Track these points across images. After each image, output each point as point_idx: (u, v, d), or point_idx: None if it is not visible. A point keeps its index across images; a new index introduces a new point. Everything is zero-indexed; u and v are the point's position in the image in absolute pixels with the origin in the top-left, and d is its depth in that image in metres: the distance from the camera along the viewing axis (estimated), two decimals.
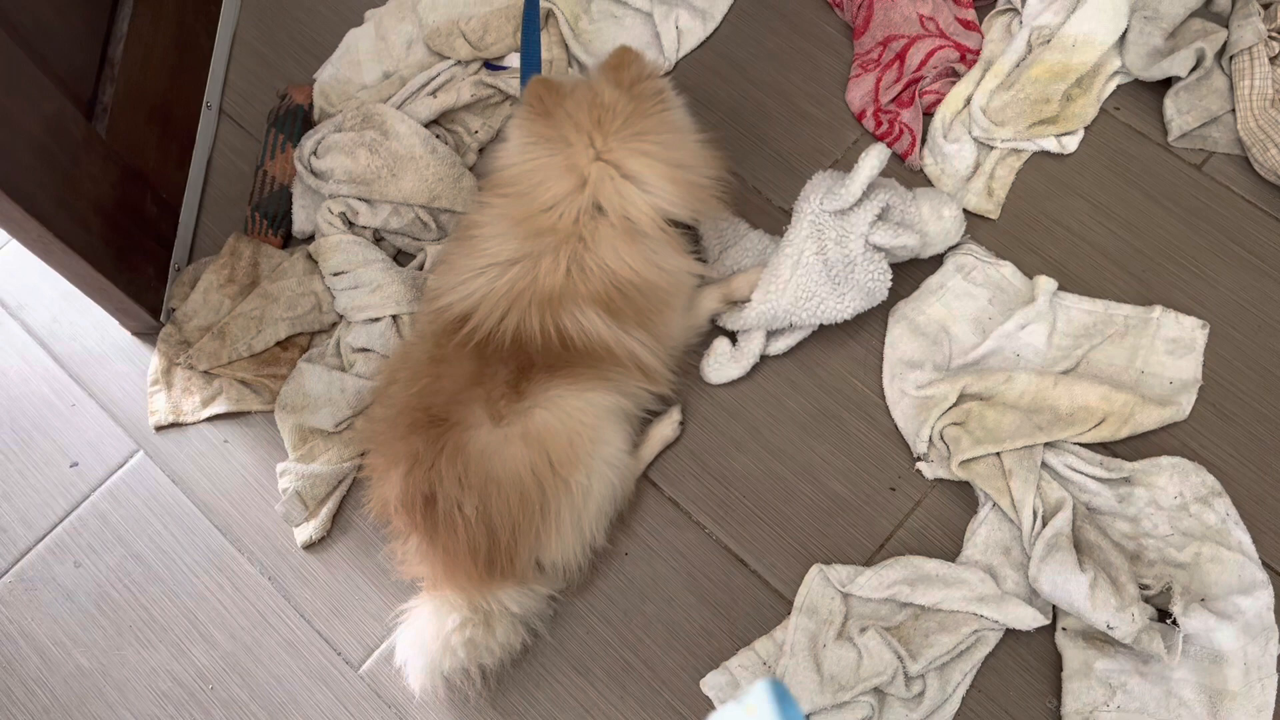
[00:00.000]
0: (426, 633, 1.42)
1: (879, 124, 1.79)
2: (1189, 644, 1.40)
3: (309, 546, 1.62)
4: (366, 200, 1.76)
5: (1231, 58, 1.74)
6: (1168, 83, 1.77)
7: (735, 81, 1.89)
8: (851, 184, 1.53)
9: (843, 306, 1.57)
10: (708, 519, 1.58)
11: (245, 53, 2.02)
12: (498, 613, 1.43)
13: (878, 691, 1.42)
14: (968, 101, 1.78)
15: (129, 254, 1.71)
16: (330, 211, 1.75)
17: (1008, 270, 1.67)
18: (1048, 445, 1.52)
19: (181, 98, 1.90)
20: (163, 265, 1.80)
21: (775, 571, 1.54)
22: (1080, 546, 1.45)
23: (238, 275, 1.76)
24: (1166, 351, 1.60)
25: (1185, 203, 1.72)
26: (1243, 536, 1.47)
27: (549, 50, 1.90)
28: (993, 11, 1.87)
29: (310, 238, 1.81)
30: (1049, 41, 1.77)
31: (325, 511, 1.62)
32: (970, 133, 1.76)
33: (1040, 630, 1.44)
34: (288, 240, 1.84)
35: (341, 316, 1.73)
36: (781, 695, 0.76)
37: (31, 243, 1.56)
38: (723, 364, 1.64)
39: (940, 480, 1.57)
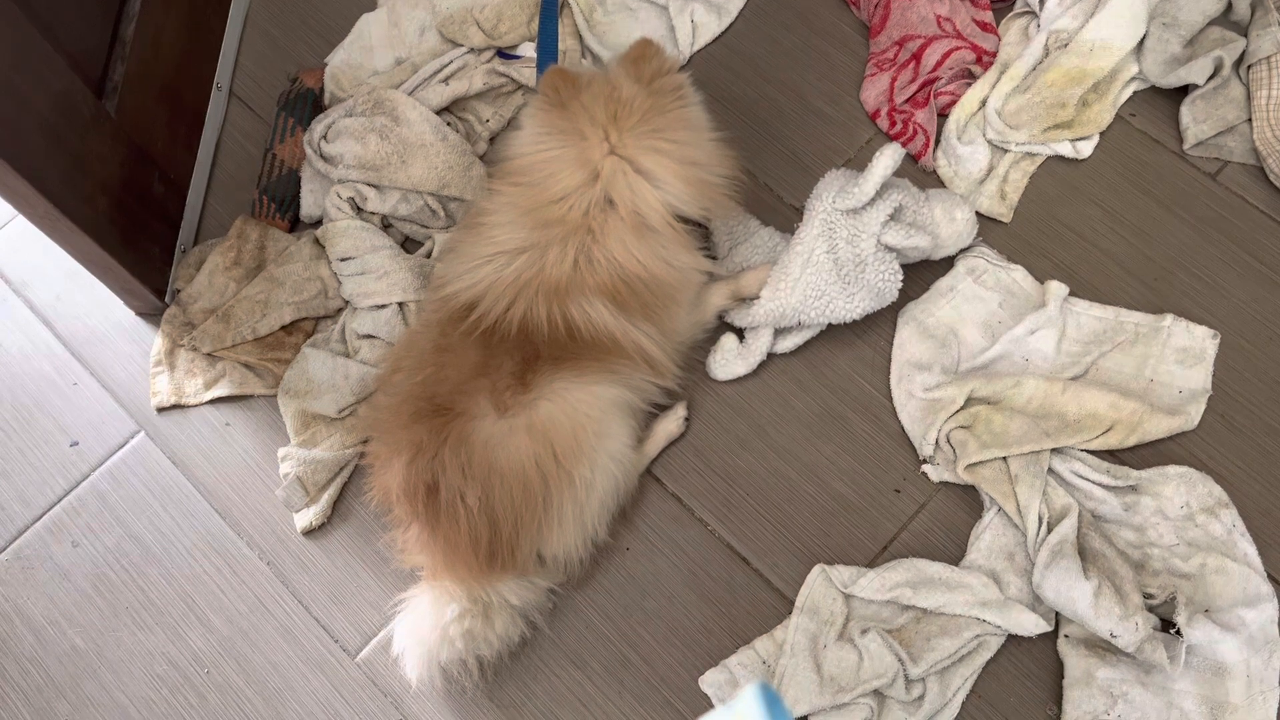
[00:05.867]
0: (425, 622, 1.41)
1: (893, 124, 1.78)
2: (1192, 655, 1.39)
3: (309, 532, 1.62)
4: (375, 186, 1.75)
5: (1249, 67, 1.73)
6: (1184, 90, 1.76)
7: (749, 77, 1.88)
8: (865, 183, 1.52)
9: (852, 306, 1.56)
10: (710, 516, 1.58)
11: (256, 35, 2.01)
12: (497, 604, 1.42)
13: (877, 694, 1.41)
14: (983, 104, 1.77)
15: (135, 233, 1.70)
16: (339, 196, 1.74)
17: (1018, 274, 1.66)
18: (1055, 451, 1.52)
19: (192, 79, 1.89)
20: (169, 246, 1.79)
21: (777, 570, 1.53)
22: (1085, 554, 1.44)
23: (244, 258, 1.75)
24: (1176, 361, 1.59)
25: (1199, 212, 1.71)
26: (1249, 549, 1.46)
27: (562, 41, 1.89)
28: (1010, 14, 1.86)
29: (318, 222, 1.81)
30: (1066, 46, 1.76)
31: (326, 498, 1.61)
32: (984, 135, 1.75)
33: (1042, 637, 1.44)
34: (295, 224, 1.83)
35: (347, 302, 1.72)
36: (771, 701, 0.75)
37: (38, 219, 1.55)
38: (729, 361, 1.63)
39: (945, 483, 1.56)
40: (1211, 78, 1.74)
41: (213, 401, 1.72)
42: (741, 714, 0.76)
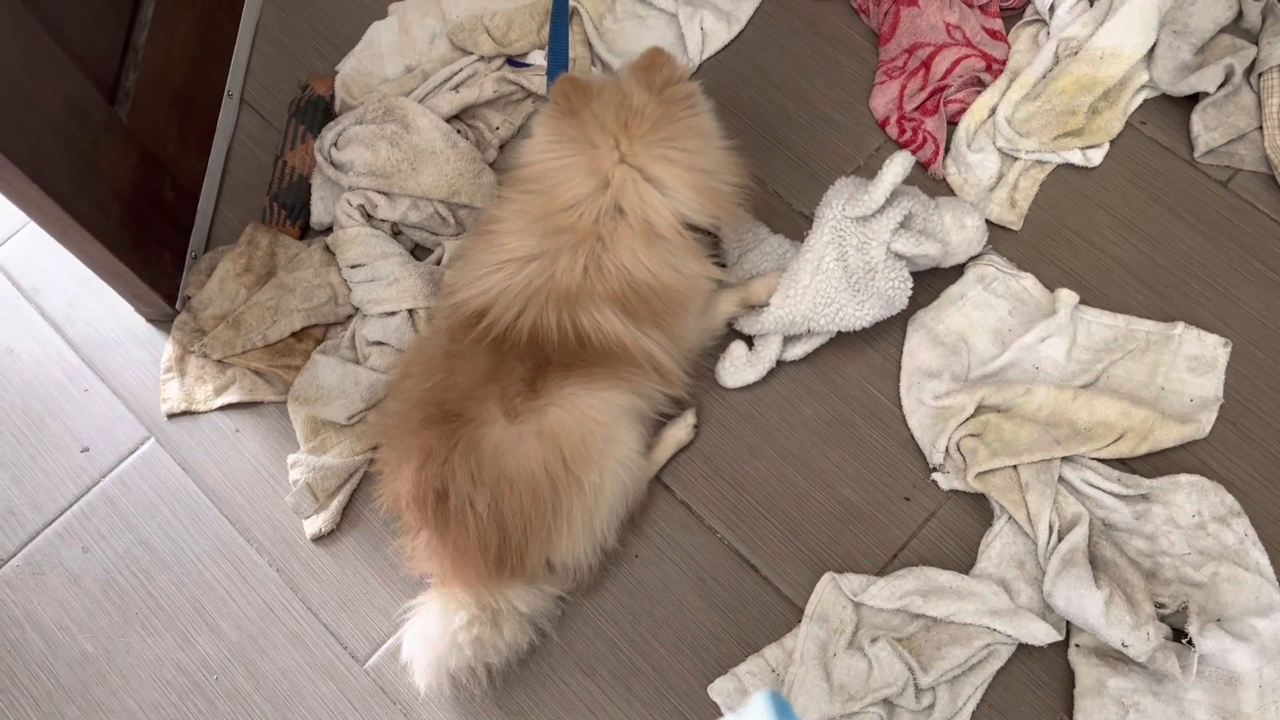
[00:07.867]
0: (434, 630, 1.41)
1: (902, 131, 1.78)
2: (1204, 665, 1.38)
3: (318, 539, 1.62)
4: (386, 193, 1.75)
5: (1260, 75, 1.73)
6: (1195, 98, 1.76)
7: (758, 85, 1.88)
8: (875, 191, 1.52)
9: (862, 314, 1.56)
10: (719, 523, 1.57)
11: (268, 42, 2.02)
12: (506, 611, 1.42)
13: (887, 703, 1.41)
14: (993, 111, 1.77)
15: (146, 240, 1.71)
16: (349, 204, 1.75)
17: (1028, 282, 1.65)
18: (1065, 460, 1.51)
19: (203, 85, 1.90)
20: (179, 252, 1.79)
21: (786, 578, 1.53)
22: (1096, 563, 1.43)
23: (254, 265, 1.76)
24: (1187, 369, 1.58)
25: (1209, 219, 1.71)
26: (1261, 558, 1.45)
27: (572, 49, 1.89)
28: (1020, 22, 1.86)
29: (328, 229, 1.81)
30: (1077, 53, 1.75)
31: (335, 504, 1.61)
32: (994, 143, 1.75)
33: (1053, 646, 1.43)
34: (305, 231, 1.84)
35: (357, 309, 1.73)
36: (781, 709, 0.75)
37: (49, 225, 1.55)
38: (738, 368, 1.63)
39: (955, 491, 1.55)
40: (1222, 85, 1.73)
41: (223, 408, 1.72)
42: None
